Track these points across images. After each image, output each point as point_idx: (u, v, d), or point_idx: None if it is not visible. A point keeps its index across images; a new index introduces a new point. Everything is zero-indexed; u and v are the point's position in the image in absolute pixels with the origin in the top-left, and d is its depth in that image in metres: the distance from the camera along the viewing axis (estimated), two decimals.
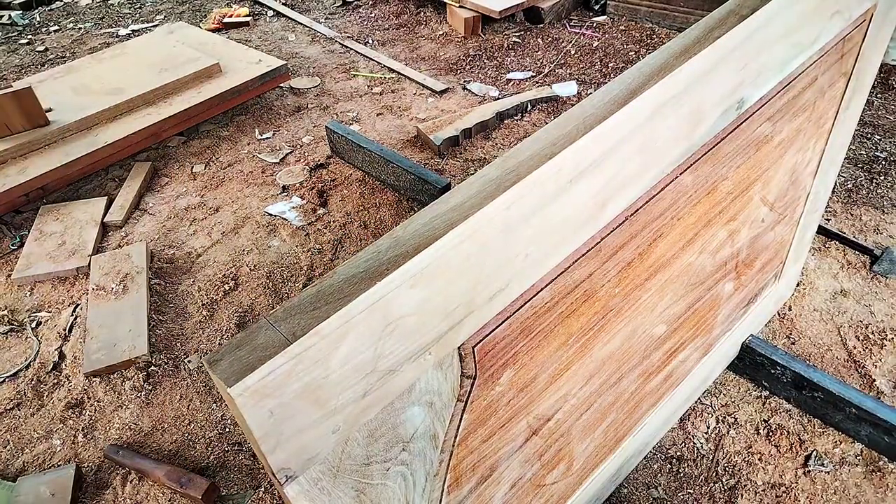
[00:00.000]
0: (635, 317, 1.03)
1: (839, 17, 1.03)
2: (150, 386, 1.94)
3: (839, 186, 2.32)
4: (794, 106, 1.09)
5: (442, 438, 0.77)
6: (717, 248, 1.16)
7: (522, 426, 0.92)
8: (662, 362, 1.24)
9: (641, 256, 0.94)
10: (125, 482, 1.70)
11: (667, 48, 0.79)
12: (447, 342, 0.67)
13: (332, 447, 0.61)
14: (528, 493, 1.06)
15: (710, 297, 1.26)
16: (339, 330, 0.54)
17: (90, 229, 2.48)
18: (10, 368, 2.02)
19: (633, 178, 0.81)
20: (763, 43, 0.88)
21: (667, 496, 1.54)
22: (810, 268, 2.03)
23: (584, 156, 0.70)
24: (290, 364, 0.52)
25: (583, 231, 0.78)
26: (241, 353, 0.52)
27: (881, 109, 2.67)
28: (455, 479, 0.85)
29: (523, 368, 0.84)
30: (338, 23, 4.09)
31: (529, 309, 0.78)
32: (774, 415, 1.68)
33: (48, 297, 2.26)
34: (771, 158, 1.13)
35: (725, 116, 0.91)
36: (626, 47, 3.35)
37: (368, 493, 0.70)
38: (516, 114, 2.95)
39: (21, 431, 1.85)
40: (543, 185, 0.67)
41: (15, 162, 2.66)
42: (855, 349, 1.81)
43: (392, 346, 0.60)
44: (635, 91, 0.73)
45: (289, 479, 0.58)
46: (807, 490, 1.52)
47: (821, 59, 1.07)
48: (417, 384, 0.67)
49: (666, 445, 1.63)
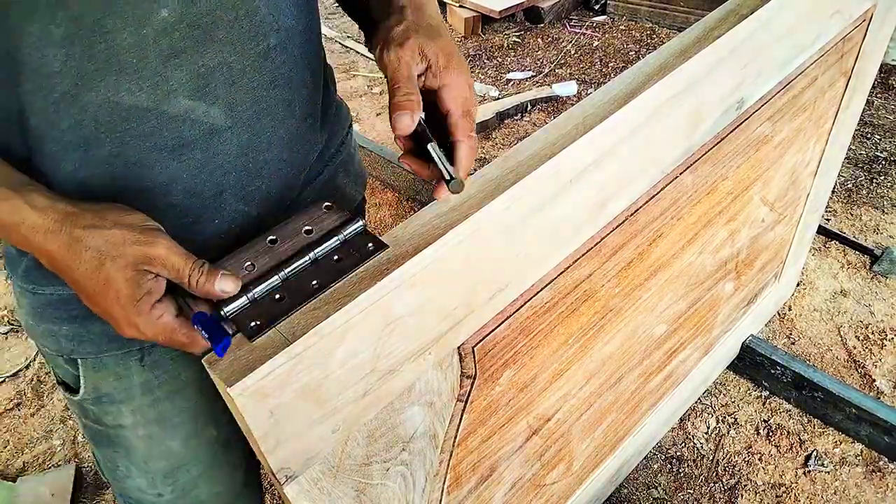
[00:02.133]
0: (635, 317, 1.03)
1: (839, 17, 1.03)
2: None
3: (839, 186, 2.32)
4: (794, 106, 1.09)
5: (442, 438, 0.77)
6: (718, 247, 1.16)
7: (522, 426, 0.92)
8: (662, 362, 1.24)
9: (641, 256, 0.94)
10: None
11: (667, 48, 0.79)
12: (447, 342, 0.67)
13: (332, 447, 0.61)
14: (527, 493, 1.06)
15: (710, 296, 1.26)
16: (338, 329, 0.54)
17: None
18: (10, 368, 2.02)
19: (633, 178, 0.81)
20: (763, 43, 0.88)
21: (667, 496, 1.54)
22: (810, 268, 2.03)
23: (584, 155, 0.70)
24: (289, 364, 0.52)
25: (583, 231, 0.78)
26: (240, 352, 0.52)
27: (881, 109, 2.67)
28: (455, 479, 0.85)
29: (523, 368, 0.84)
30: (338, 23, 4.09)
31: (529, 309, 0.78)
32: (774, 415, 1.68)
33: None
34: (771, 158, 1.13)
35: (725, 116, 0.91)
36: (626, 47, 3.35)
37: (368, 493, 0.70)
38: (516, 114, 2.95)
39: (21, 431, 1.85)
40: (543, 185, 0.67)
41: None
42: (855, 349, 1.81)
43: (392, 345, 0.60)
44: (635, 91, 0.73)
45: (289, 478, 0.58)
46: (807, 490, 1.52)
47: (821, 58, 1.07)
48: (417, 384, 0.67)
49: (666, 445, 1.63)
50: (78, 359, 0.73)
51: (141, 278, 0.52)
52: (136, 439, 0.79)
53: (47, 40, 0.51)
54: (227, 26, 0.59)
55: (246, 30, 0.61)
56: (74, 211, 0.53)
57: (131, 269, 0.51)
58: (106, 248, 0.51)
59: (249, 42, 0.62)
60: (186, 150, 0.62)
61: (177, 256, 0.52)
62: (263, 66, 0.64)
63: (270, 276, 0.56)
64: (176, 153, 0.62)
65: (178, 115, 0.60)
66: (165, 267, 0.52)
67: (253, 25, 0.62)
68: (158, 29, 0.55)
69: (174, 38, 0.56)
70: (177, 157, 0.62)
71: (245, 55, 0.62)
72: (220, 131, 0.64)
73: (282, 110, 0.69)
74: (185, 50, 0.58)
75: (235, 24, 0.60)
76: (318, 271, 0.57)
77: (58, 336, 0.71)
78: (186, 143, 0.62)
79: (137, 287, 0.51)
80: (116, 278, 0.51)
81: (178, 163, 0.62)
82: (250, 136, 0.67)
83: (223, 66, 0.61)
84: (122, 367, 0.73)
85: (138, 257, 0.51)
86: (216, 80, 0.61)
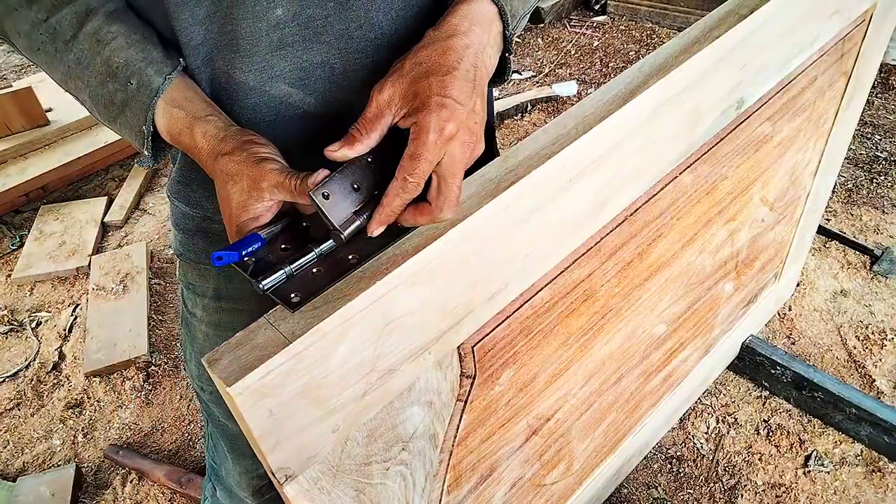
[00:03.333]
0: (635, 317, 1.03)
1: (839, 17, 1.03)
2: (150, 386, 1.95)
3: (839, 186, 2.32)
4: (794, 105, 1.09)
5: (441, 438, 0.77)
6: (717, 247, 1.16)
7: (522, 426, 0.92)
8: (662, 362, 1.24)
9: (641, 256, 0.94)
10: (125, 482, 1.70)
11: (667, 48, 0.79)
12: (447, 341, 0.67)
13: (332, 446, 0.61)
14: (527, 493, 1.06)
15: (710, 296, 1.26)
16: (338, 329, 0.54)
17: (90, 229, 2.49)
18: (10, 368, 2.02)
19: (632, 178, 0.81)
20: (763, 42, 0.88)
21: (667, 496, 1.54)
22: (810, 268, 2.03)
23: (583, 155, 0.70)
24: (289, 363, 0.52)
25: (582, 230, 0.78)
26: (240, 352, 0.52)
27: (881, 109, 2.67)
28: (455, 478, 0.85)
29: (523, 368, 0.84)
30: None
31: (529, 308, 0.78)
32: (774, 415, 1.68)
33: (48, 297, 2.27)
34: (771, 158, 1.13)
35: (725, 116, 0.91)
36: (626, 47, 3.35)
37: (368, 493, 0.70)
38: (516, 113, 2.95)
39: (21, 431, 1.85)
40: (543, 184, 0.67)
41: (15, 162, 2.66)
42: (855, 349, 1.81)
43: (392, 345, 0.60)
44: (635, 90, 0.73)
45: (288, 478, 0.58)
46: (807, 490, 1.52)
47: (820, 58, 1.07)
48: (417, 384, 0.67)
49: (666, 445, 1.63)
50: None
51: (251, 202, 0.60)
52: (199, 331, 0.95)
53: (192, 20, 0.65)
54: (336, 33, 0.68)
55: (356, 39, 0.69)
56: (225, 137, 0.64)
57: (245, 192, 0.60)
58: (230, 173, 0.61)
59: (357, 52, 0.70)
60: (281, 125, 0.72)
61: (277, 174, 0.59)
62: (369, 75, 0.71)
63: (307, 250, 0.58)
64: (273, 126, 0.72)
65: (277, 96, 0.70)
66: (272, 186, 0.59)
67: (365, 37, 0.69)
68: (272, 23, 0.65)
69: (284, 32, 0.66)
70: (273, 130, 0.72)
71: (349, 60, 0.70)
72: (313, 117, 0.73)
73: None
74: (293, 44, 0.67)
75: (345, 33, 0.68)
76: (353, 247, 0.58)
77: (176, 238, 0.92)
78: (282, 120, 0.72)
79: (244, 209, 0.60)
80: (232, 198, 0.61)
81: (273, 134, 0.70)
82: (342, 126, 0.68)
83: (325, 65, 0.69)
84: (203, 268, 0.90)
85: (250, 183, 0.60)
86: (316, 75, 0.70)
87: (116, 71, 0.66)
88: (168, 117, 0.66)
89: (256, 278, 0.56)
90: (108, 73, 0.66)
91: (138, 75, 0.66)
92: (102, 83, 0.67)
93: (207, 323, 0.93)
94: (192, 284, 0.93)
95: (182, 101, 0.67)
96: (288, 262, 0.57)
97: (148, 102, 0.65)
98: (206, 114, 0.66)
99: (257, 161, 0.61)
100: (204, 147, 0.64)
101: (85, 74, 0.67)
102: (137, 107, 0.66)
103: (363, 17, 0.68)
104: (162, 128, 0.67)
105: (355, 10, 0.67)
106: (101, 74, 0.66)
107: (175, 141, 0.68)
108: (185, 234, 0.89)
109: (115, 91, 0.66)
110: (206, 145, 0.64)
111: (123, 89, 0.66)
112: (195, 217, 0.86)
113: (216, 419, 1.02)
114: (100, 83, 0.67)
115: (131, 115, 0.67)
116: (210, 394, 0.98)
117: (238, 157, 0.61)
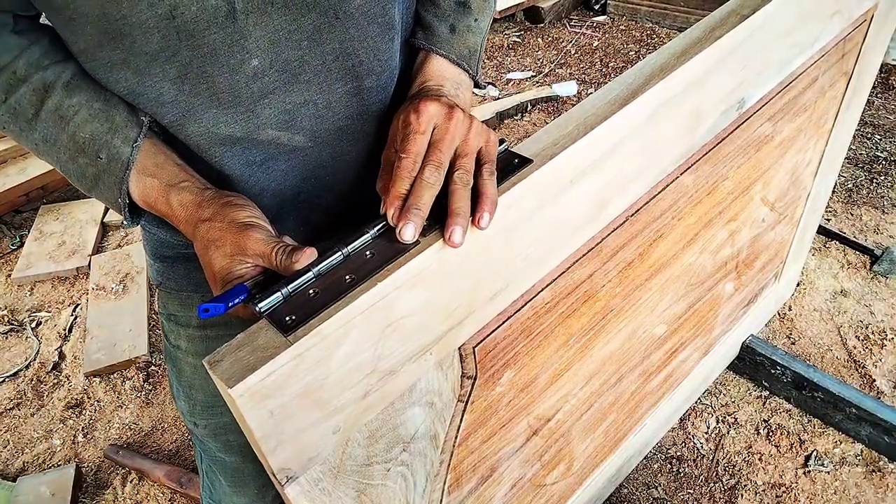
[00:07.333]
0: (636, 317, 1.03)
1: (839, 17, 1.03)
2: (150, 386, 1.94)
3: (839, 186, 2.32)
4: (795, 106, 1.09)
5: (442, 439, 0.77)
6: (718, 248, 1.16)
7: (523, 426, 0.92)
8: (663, 362, 1.24)
9: (642, 257, 0.94)
10: (125, 482, 1.70)
11: (667, 48, 0.79)
12: (448, 342, 0.67)
13: (333, 447, 0.61)
14: (528, 493, 1.06)
15: (711, 297, 1.26)
16: (339, 330, 0.54)
17: (90, 229, 2.48)
18: (10, 368, 2.02)
19: (633, 179, 0.81)
20: (763, 43, 0.88)
21: (667, 496, 1.55)
22: (810, 268, 2.03)
23: (584, 156, 0.70)
24: (290, 364, 0.52)
25: (583, 231, 0.78)
26: (241, 353, 0.52)
27: (881, 109, 2.67)
28: (455, 479, 0.85)
29: (524, 369, 0.84)
30: None
31: (530, 309, 0.78)
32: (774, 415, 1.68)
33: (48, 296, 2.27)
34: (771, 158, 1.13)
35: (726, 116, 0.91)
36: (626, 47, 3.35)
37: (369, 494, 0.70)
38: (516, 113, 2.95)
39: (21, 431, 1.85)
40: (544, 185, 0.67)
41: (15, 162, 2.66)
42: (855, 349, 1.81)
43: (393, 346, 0.60)
44: (636, 91, 0.73)
45: (289, 479, 0.58)
46: (807, 490, 1.52)
47: (821, 59, 1.07)
48: (418, 385, 0.67)
49: (666, 445, 1.64)
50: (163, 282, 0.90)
51: (235, 265, 0.60)
52: (185, 364, 0.92)
53: (163, 77, 0.63)
54: (314, 70, 0.68)
55: (335, 70, 0.69)
56: (201, 203, 0.64)
57: (227, 258, 0.60)
58: (212, 239, 0.62)
59: (337, 83, 0.70)
60: (271, 163, 0.73)
61: (263, 245, 0.60)
62: (352, 102, 0.73)
63: (305, 272, 0.57)
64: (264, 166, 0.73)
65: (265, 140, 0.71)
66: (257, 255, 0.60)
67: (342, 66, 0.69)
68: (250, 75, 0.65)
69: (264, 81, 0.66)
70: (265, 169, 0.73)
71: (331, 92, 0.70)
72: (303, 150, 0.74)
73: (364, 137, 0.76)
74: (274, 91, 0.67)
75: (323, 67, 0.68)
76: (351, 265, 0.58)
77: (152, 268, 0.90)
78: (272, 159, 0.73)
79: (229, 272, 0.60)
80: (214, 263, 0.61)
81: (265, 174, 0.74)
82: (331, 154, 0.76)
83: (308, 104, 0.70)
84: (185, 296, 0.88)
85: (234, 249, 0.60)
86: (302, 114, 0.70)
87: (84, 146, 0.66)
88: (142, 187, 0.67)
89: (253, 300, 0.55)
90: (77, 148, 0.66)
91: (106, 148, 0.66)
92: (72, 158, 0.67)
93: (194, 354, 0.91)
94: (173, 316, 0.90)
95: (153, 168, 0.67)
96: (284, 284, 0.56)
97: (121, 176, 0.66)
98: (179, 180, 0.67)
99: (240, 228, 0.61)
100: (181, 216, 0.65)
101: (53, 151, 0.67)
102: (110, 181, 0.67)
103: (338, 49, 0.68)
104: (137, 197, 0.68)
105: (329, 43, 0.67)
106: (70, 150, 0.66)
107: (151, 209, 0.68)
108: (163, 262, 0.87)
109: (87, 166, 0.67)
110: (184, 213, 0.65)
111: (94, 164, 0.66)
112: (175, 244, 0.84)
113: (212, 455, 0.97)
114: (70, 158, 0.67)
115: (105, 189, 0.68)
116: (204, 428, 0.94)
117: (219, 224, 0.62)
